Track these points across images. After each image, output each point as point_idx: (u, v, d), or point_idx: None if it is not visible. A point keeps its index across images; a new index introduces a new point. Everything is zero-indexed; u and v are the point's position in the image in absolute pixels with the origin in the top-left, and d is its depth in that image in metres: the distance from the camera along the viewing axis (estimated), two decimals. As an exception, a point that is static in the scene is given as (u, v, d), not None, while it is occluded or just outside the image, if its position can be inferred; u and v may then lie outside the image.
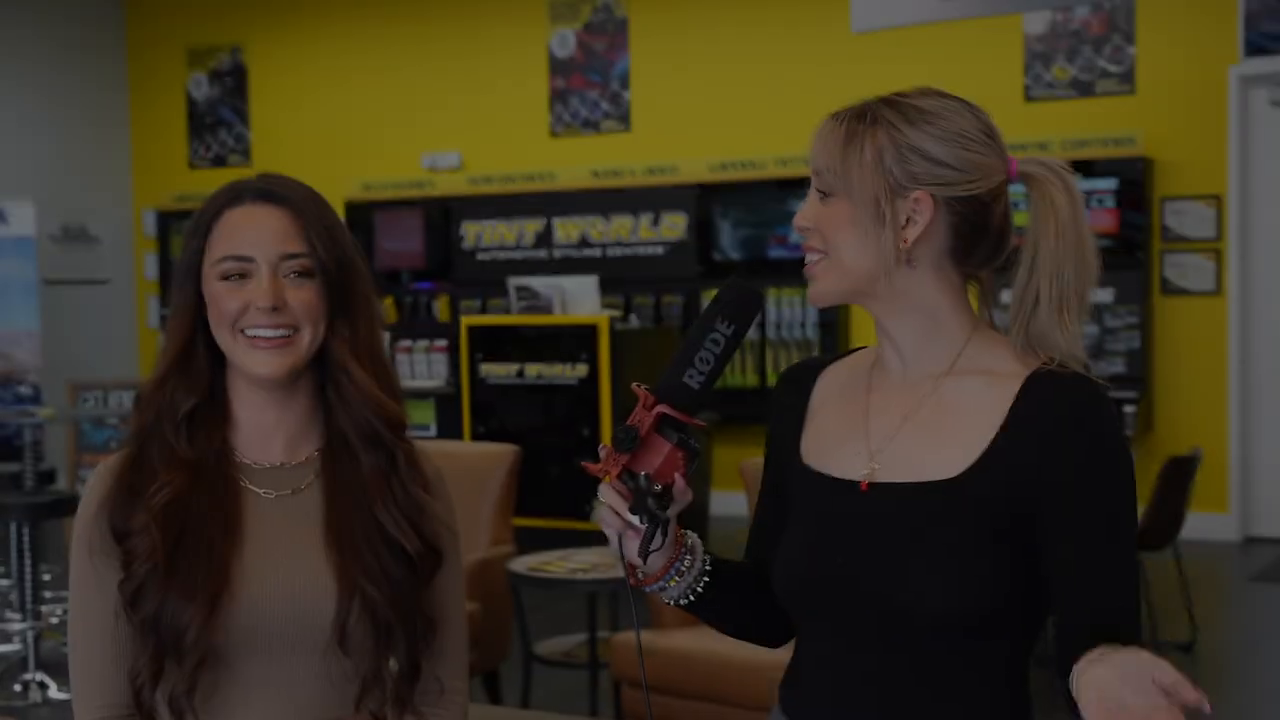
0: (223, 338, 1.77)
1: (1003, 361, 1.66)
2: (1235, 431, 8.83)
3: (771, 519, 1.82)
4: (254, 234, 1.76)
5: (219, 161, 12.12)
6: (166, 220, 12.16)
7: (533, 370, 8.47)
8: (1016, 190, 1.70)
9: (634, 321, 9.36)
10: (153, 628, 1.71)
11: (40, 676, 5.95)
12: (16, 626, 6.10)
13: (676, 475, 1.63)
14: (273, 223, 1.77)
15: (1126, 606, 1.59)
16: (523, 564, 5.15)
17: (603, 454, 1.64)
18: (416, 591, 1.79)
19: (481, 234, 10.68)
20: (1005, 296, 1.74)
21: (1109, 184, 8.85)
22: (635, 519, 1.63)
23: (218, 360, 1.80)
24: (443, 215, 10.82)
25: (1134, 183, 8.84)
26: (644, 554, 1.64)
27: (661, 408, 1.62)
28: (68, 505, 6.10)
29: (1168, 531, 6.23)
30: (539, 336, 8.50)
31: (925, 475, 1.63)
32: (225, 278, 1.76)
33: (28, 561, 6.06)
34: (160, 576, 1.71)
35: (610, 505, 1.64)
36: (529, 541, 5.86)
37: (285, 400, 1.81)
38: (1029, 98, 9.26)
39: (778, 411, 1.83)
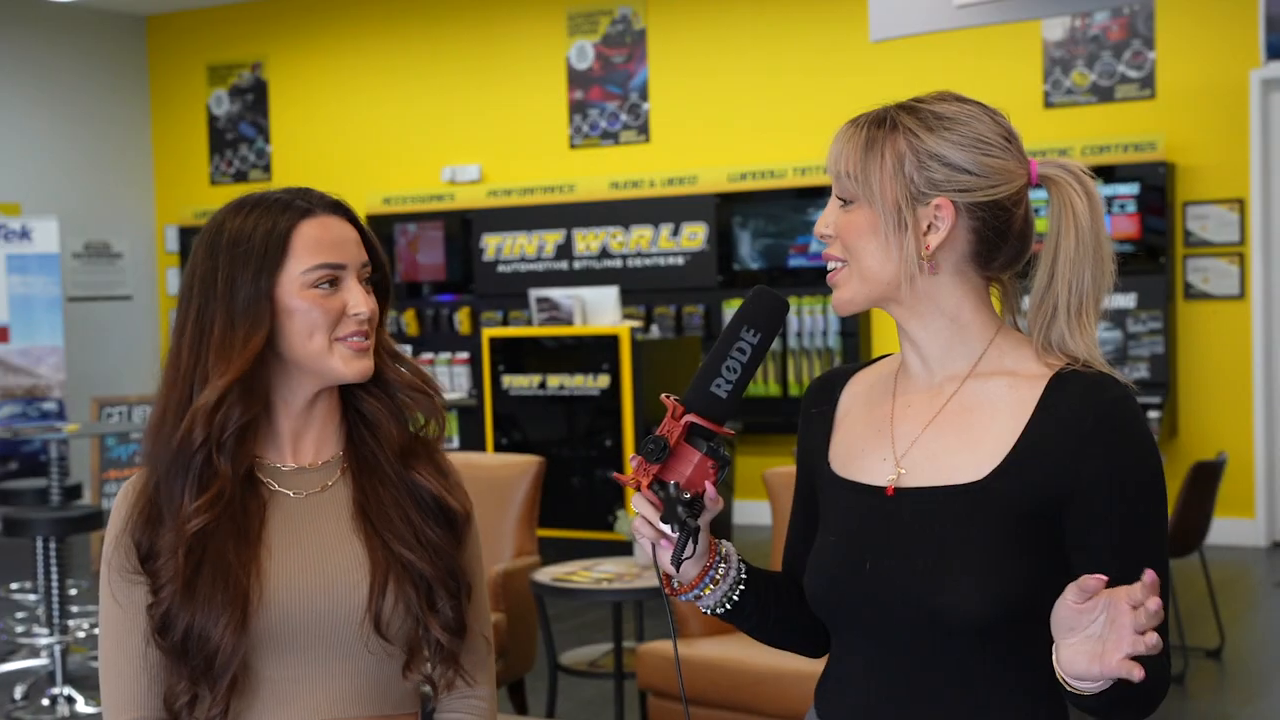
0: (314, 347, 1.77)
1: (1025, 363, 1.66)
2: (1260, 436, 8.79)
3: (804, 528, 1.82)
4: (339, 243, 1.79)
5: (240, 177, 12.18)
6: (188, 236, 12.21)
7: (554, 381, 8.47)
8: (1039, 196, 1.70)
9: (655, 332, 9.36)
10: (183, 653, 1.72)
11: (68, 691, 5.97)
12: (44, 641, 6.12)
13: (707, 484, 1.64)
14: (348, 233, 1.81)
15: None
16: (547, 574, 5.15)
17: (633, 464, 1.66)
18: (453, 550, 1.82)
19: (502, 246, 10.70)
20: (1025, 301, 1.74)
21: (1130, 189, 8.83)
22: (668, 528, 1.64)
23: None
24: (463, 228, 10.85)
25: (1156, 188, 8.81)
26: (677, 562, 1.65)
27: (690, 417, 1.63)
28: (94, 520, 6.13)
29: (1194, 537, 6.20)
30: (560, 348, 8.51)
31: (951, 479, 1.63)
32: (316, 285, 1.77)
33: (54, 576, 6.09)
34: (186, 598, 1.72)
35: (645, 516, 1.65)
36: (552, 552, 5.87)
37: (320, 404, 1.84)
38: (1048, 104, 9.24)
39: (806, 421, 1.83)
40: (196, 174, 12.40)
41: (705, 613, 1.77)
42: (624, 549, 7.39)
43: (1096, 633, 1.41)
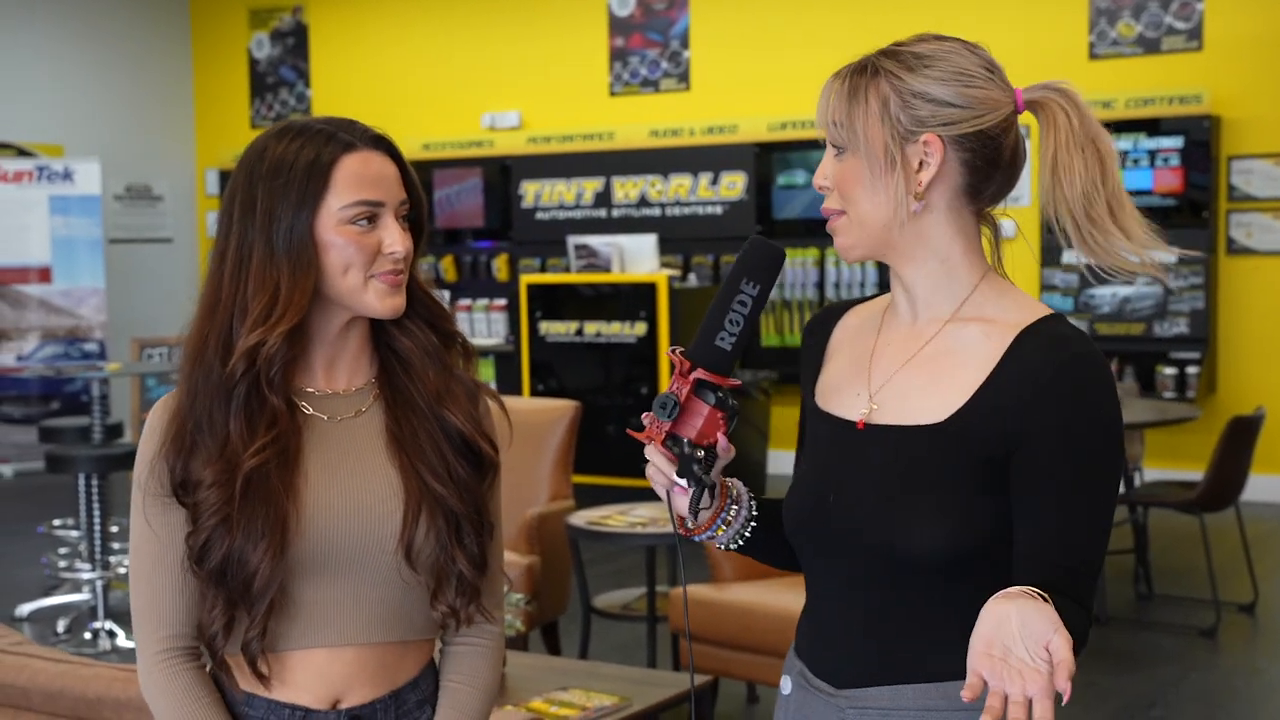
0: (348, 280, 1.77)
1: (1005, 312, 1.68)
2: (1300, 393, 8.74)
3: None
4: (378, 180, 1.78)
5: (278, 121, 12.20)
6: (229, 180, 12.25)
7: (591, 329, 8.50)
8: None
9: (692, 280, 9.36)
10: (220, 577, 1.75)
11: (109, 625, 6.07)
12: (86, 576, 6.22)
13: (718, 435, 1.68)
14: (388, 169, 1.81)
15: (1076, 565, 1.59)
16: (582, 518, 5.19)
17: (646, 421, 1.70)
18: (480, 489, 1.84)
19: (540, 193, 10.71)
20: (1069, 256, 1.75)
21: (1175, 142, 8.75)
22: (680, 480, 1.68)
23: None
24: (502, 174, 10.86)
25: (1200, 141, 8.73)
26: (694, 511, 1.71)
27: (698, 373, 1.67)
28: (134, 458, 6.20)
29: (1231, 491, 6.18)
30: (598, 295, 8.53)
31: (916, 418, 1.66)
32: (353, 222, 1.77)
33: (97, 512, 6.18)
34: (228, 527, 1.74)
35: (658, 466, 1.70)
36: (586, 498, 5.91)
37: (350, 334, 1.85)
38: (1093, 55, 9.15)
39: (803, 353, 1.88)
40: (237, 117, 12.45)
41: (719, 548, 1.81)
42: (657, 495, 7.43)
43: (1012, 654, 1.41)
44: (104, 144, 11.66)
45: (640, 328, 8.31)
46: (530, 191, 10.75)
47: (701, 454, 1.67)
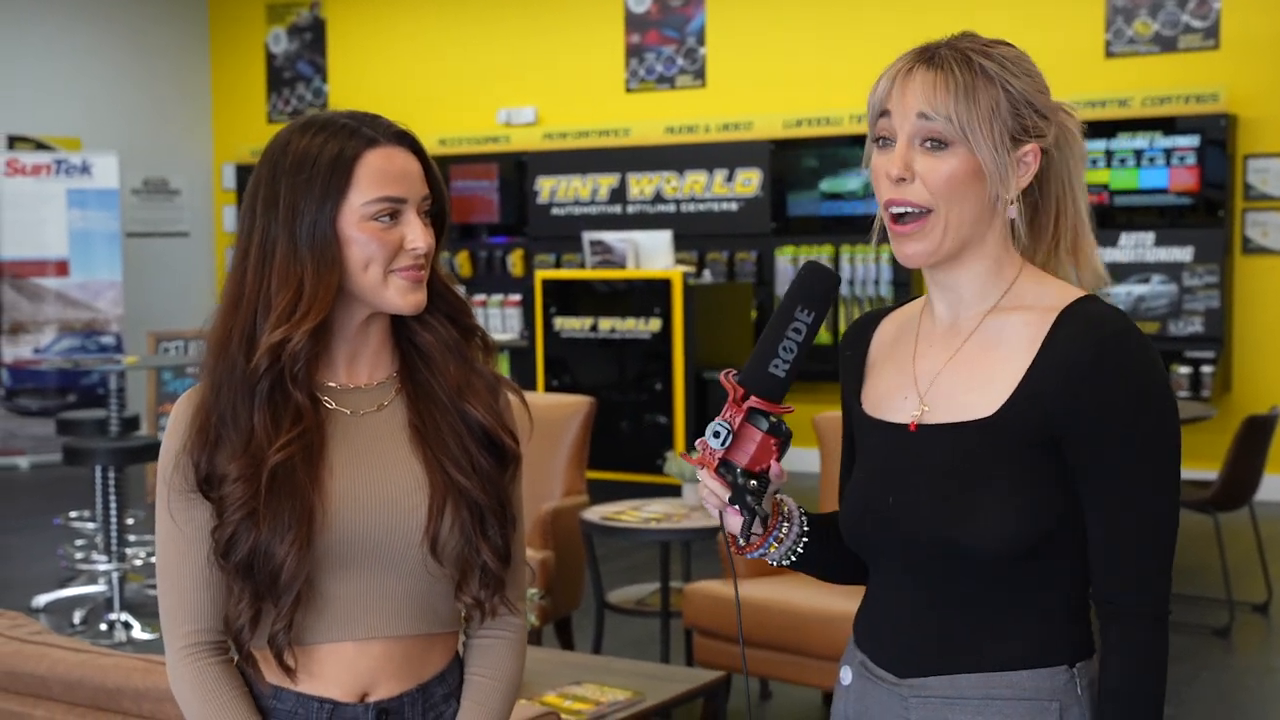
0: (370, 278, 1.78)
1: (1045, 297, 1.68)
2: (1315, 393, 8.72)
3: (850, 466, 1.87)
4: (401, 176, 1.79)
5: (297, 116, 12.23)
6: (245, 174, 12.28)
7: (606, 324, 8.52)
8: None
9: (707, 277, 9.37)
10: (247, 571, 1.76)
11: (125, 617, 6.10)
12: (103, 568, 6.25)
13: (771, 461, 1.69)
14: (411, 165, 1.81)
15: (1145, 556, 1.63)
16: (596, 513, 5.20)
17: (699, 448, 1.71)
18: (503, 481, 1.85)
19: (556, 189, 10.73)
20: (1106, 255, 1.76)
21: (1191, 141, 8.74)
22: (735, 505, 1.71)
23: None
24: (518, 170, 10.88)
25: (1216, 140, 8.72)
26: (747, 536, 1.72)
27: (751, 400, 1.68)
28: (152, 451, 6.24)
29: (1245, 491, 6.18)
30: (612, 291, 8.54)
31: (966, 414, 1.67)
32: (376, 218, 1.78)
33: (113, 504, 6.21)
34: (254, 521, 1.75)
35: (711, 488, 1.71)
36: (600, 494, 5.92)
37: (371, 329, 1.86)
38: (1110, 53, 9.14)
39: (842, 364, 1.88)
40: (254, 112, 12.48)
41: (772, 565, 1.82)
42: (671, 491, 7.44)
43: None
44: (121, 138, 11.70)
45: (655, 324, 8.33)
46: (546, 187, 10.77)
47: (754, 483, 1.68)
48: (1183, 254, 8.82)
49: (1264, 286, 8.84)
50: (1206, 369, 8.70)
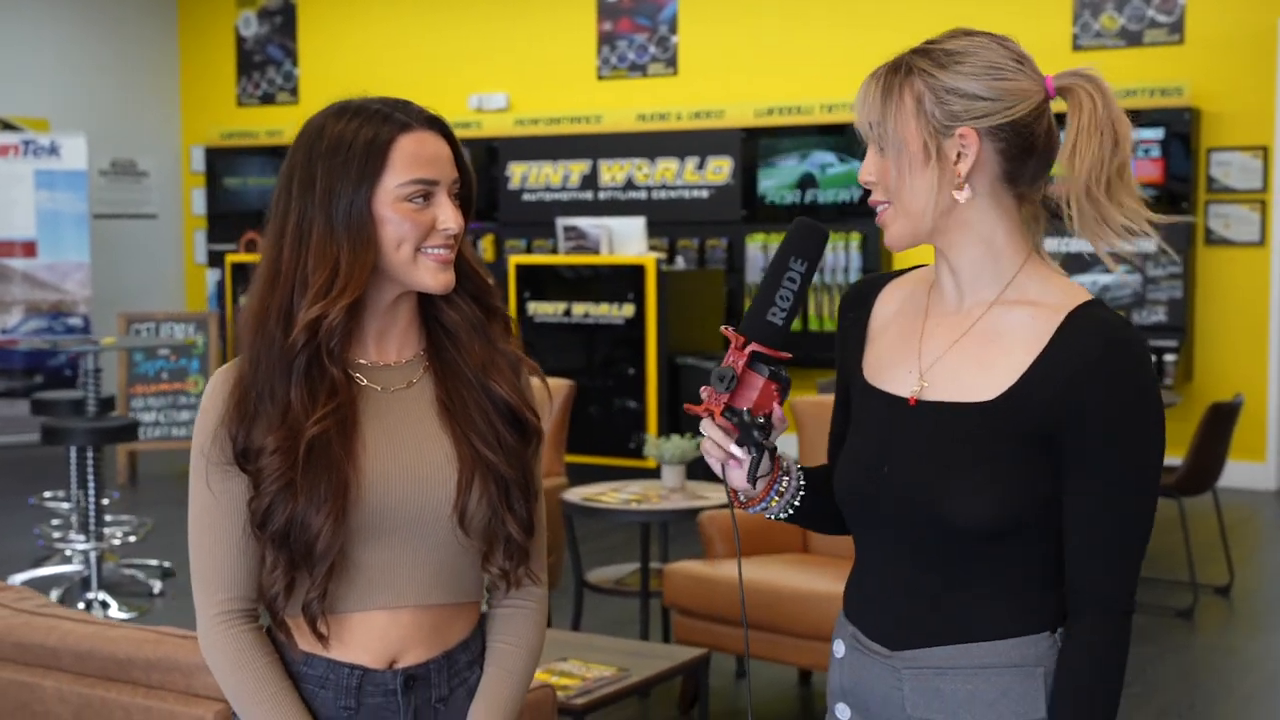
0: (401, 257, 1.84)
1: (1050, 294, 1.77)
2: (1275, 382, 8.88)
3: (843, 425, 1.95)
4: (433, 159, 1.85)
5: (267, 99, 12.23)
6: (214, 157, 12.28)
7: (579, 309, 8.58)
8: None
9: (679, 263, 9.44)
10: (283, 541, 1.82)
11: (102, 596, 6.12)
12: (80, 547, 6.27)
13: (773, 405, 1.76)
14: (442, 149, 1.88)
15: (1117, 553, 1.71)
16: (577, 494, 5.27)
17: (704, 395, 1.78)
18: (526, 456, 1.92)
19: (527, 175, 10.77)
20: (1051, 244, 1.83)
21: (1155, 134, 8.87)
22: (737, 450, 1.76)
23: None
24: (489, 156, 10.91)
25: (1180, 134, 8.85)
26: (752, 480, 1.79)
27: (753, 346, 1.75)
28: (129, 431, 6.27)
29: (1208, 477, 6.31)
30: (586, 276, 8.60)
31: (967, 396, 1.75)
32: (409, 199, 1.83)
33: (91, 484, 6.22)
34: (291, 492, 1.81)
35: (714, 439, 1.77)
36: (573, 477, 5.99)
37: (400, 307, 1.92)
38: (1076, 47, 9.26)
39: (843, 327, 1.95)
40: (223, 95, 12.45)
41: (770, 519, 1.89)
42: (642, 474, 7.52)
43: None
44: (90, 119, 11.66)
45: (628, 309, 8.39)
46: (517, 173, 10.81)
47: (760, 421, 1.75)
48: (1147, 245, 8.93)
49: (1225, 277, 8.99)
50: (1169, 358, 8.85)
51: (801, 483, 1.89)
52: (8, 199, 10.55)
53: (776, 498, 1.86)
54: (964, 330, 1.79)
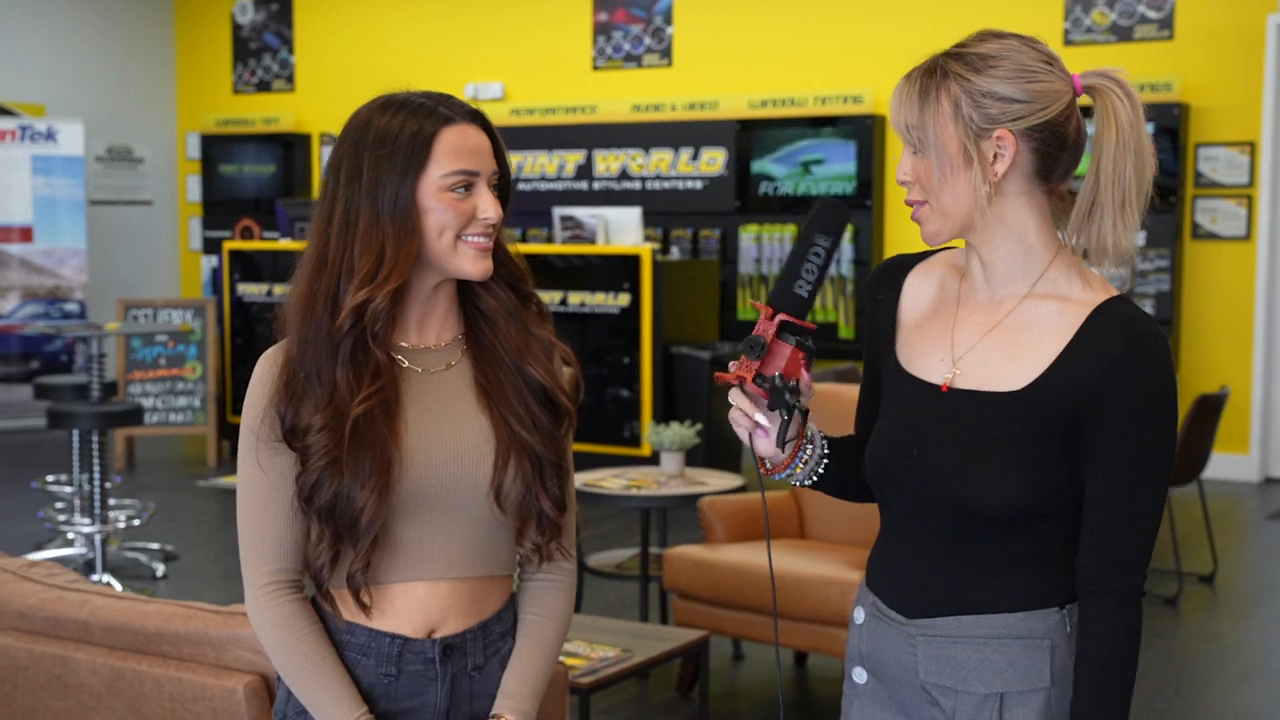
0: (442, 244, 1.94)
1: (1077, 289, 1.86)
2: (1259, 375, 9.01)
3: (870, 399, 2.06)
4: (475, 151, 1.95)
5: (263, 87, 12.28)
6: (209, 144, 12.34)
7: (575, 299, 8.66)
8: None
9: (674, 254, 9.54)
10: (329, 516, 1.92)
11: (107, 578, 6.20)
12: (86, 530, 6.35)
13: (801, 371, 1.86)
14: (483, 142, 1.97)
15: (1129, 535, 1.81)
16: (578, 480, 5.37)
17: (733, 366, 1.88)
18: (559, 436, 2.02)
19: (523, 164, 10.85)
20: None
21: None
22: (763, 419, 1.87)
23: None
24: (484, 145, 10.95)
25: (1169, 128, 8.97)
26: (782, 443, 1.88)
27: (781, 316, 1.85)
28: (134, 416, 6.35)
29: (1194, 467, 6.43)
30: (582, 266, 8.68)
31: (997, 385, 1.85)
32: (452, 189, 1.93)
33: (96, 468, 6.31)
34: (337, 469, 1.91)
35: (742, 409, 1.87)
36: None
37: (440, 292, 2.02)
38: (1068, 42, 9.37)
39: (872, 306, 2.05)
40: (219, 82, 12.51)
41: (795, 485, 1.99)
42: (638, 461, 7.63)
43: None
44: (86, 105, 11.71)
45: (624, 299, 8.49)
46: (513, 163, 10.83)
47: (792, 385, 1.85)
48: (1136, 238, 9.06)
49: (1212, 271, 9.12)
50: (1156, 350, 8.97)
51: (825, 450, 1.98)
52: (4, 184, 10.60)
53: (801, 465, 1.96)
54: (996, 322, 1.88)
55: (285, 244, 9.52)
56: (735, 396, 1.88)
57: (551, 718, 3.23)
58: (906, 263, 2.03)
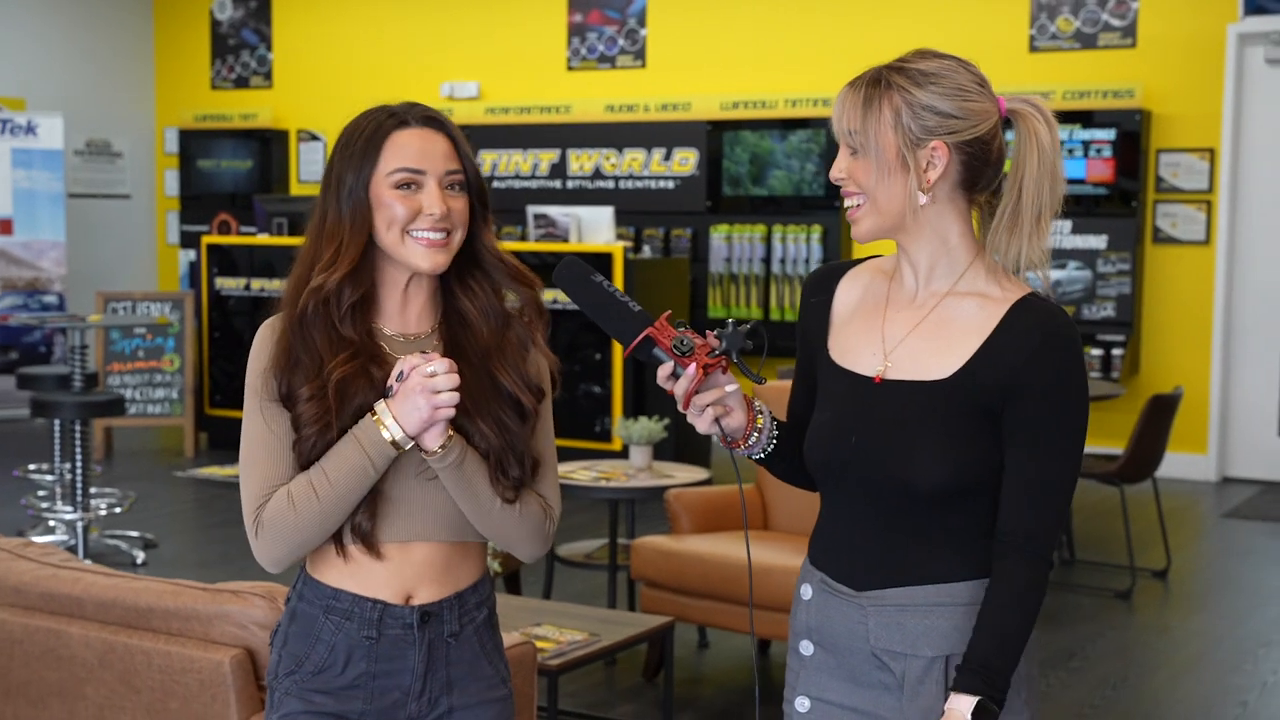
0: (390, 238, 2.12)
1: (994, 288, 2.06)
2: (1217, 377, 9.23)
3: (803, 392, 2.24)
4: (424, 151, 2.12)
5: (241, 83, 12.40)
6: (188, 139, 12.45)
7: (548, 295, 8.80)
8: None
9: (646, 252, 9.69)
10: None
11: (88, 564, 6.32)
12: (68, 517, 6.48)
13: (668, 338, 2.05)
14: (437, 145, 2.14)
15: (1041, 506, 2.00)
16: (549, 472, 5.51)
17: (684, 366, 2.04)
18: (524, 435, 2.18)
19: (498, 163, 11.00)
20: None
21: (1107, 134, 9.19)
22: (730, 387, 2.05)
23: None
24: (460, 143, 11.09)
25: (1131, 134, 9.18)
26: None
27: (651, 331, 2.05)
28: (116, 406, 6.49)
29: (1148, 466, 6.62)
30: (555, 263, 8.83)
31: (925, 375, 2.04)
32: (398, 187, 2.11)
33: (78, 456, 6.44)
34: (326, 434, 2.08)
35: (705, 401, 2.04)
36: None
37: (419, 284, 2.19)
38: (1033, 48, 9.57)
39: (806, 308, 2.23)
40: (198, 78, 12.62)
41: (754, 457, 2.16)
42: (608, 456, 7.79)
43: None
44: (66, 99, 11.80)
45: (596, 296, 8.64)
46: (487, 161, 11.04)
47: (685, 342, 2.02)
48: (1098, 242, 9.29)
49: (1172, 275, 9.33)
50: (1117, 351, 9.19)
51: (775, 431, 2.15)
52: (-16, 177, 10.70)
53: (756, 434, 2.12)
54: (922, 317, 2.07)
55: (262, 239, 9.65)
56: (697, 401, 2.04)
57: (521, 697, 3.40)
58: (838, 270, 2.22)
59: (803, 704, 2.16)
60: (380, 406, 2.06)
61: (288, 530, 2.10)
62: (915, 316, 2.08)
